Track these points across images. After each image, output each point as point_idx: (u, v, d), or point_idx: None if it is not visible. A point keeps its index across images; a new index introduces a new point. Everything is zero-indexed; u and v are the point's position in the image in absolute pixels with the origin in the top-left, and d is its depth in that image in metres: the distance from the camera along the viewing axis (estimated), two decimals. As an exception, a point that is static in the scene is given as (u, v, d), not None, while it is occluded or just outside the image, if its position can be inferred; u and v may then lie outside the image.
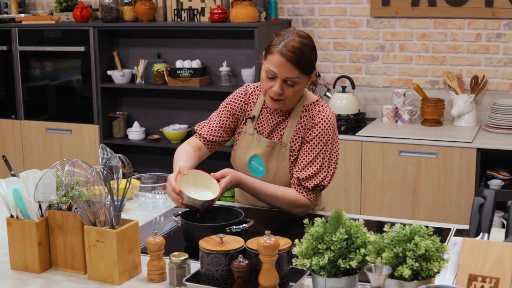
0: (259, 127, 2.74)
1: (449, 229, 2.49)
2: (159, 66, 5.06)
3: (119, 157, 2.12)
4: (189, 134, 5.10)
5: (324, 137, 2.62)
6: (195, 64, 4.99)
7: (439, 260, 1.69)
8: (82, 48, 5.12)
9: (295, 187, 2.65)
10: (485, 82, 4.59)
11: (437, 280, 1.79)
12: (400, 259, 1.68)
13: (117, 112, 5.36)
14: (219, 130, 2.79)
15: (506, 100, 4.49)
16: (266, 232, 1.86)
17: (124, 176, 2.22)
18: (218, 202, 2.78)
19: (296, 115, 2.66)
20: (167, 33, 5.22)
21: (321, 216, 2.01)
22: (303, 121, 2.66)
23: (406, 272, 1.64)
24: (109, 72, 5.20)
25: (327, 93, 4.84)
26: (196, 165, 2.76)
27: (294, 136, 2.66)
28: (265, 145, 2.69)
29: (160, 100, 5.34)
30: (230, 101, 2.80)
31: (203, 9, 5.00)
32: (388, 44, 4.88)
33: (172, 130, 5.11)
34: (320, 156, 2.62)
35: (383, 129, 4.56)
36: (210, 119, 2.83)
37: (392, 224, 1.79)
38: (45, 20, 5.32)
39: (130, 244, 2.08)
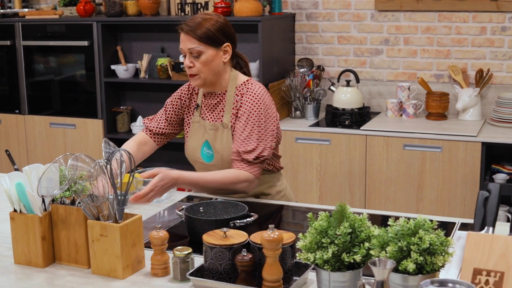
0: (203, 114, 2.85)
1: (454, 223, 2.48)
2: (162, 61, 5.05)
3: (122, 152, 2.12)
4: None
5: (255, 111, 2.70)
6: (199, 58, 4.97)
7: (443, 254, 1.68)
8: (85, 43, 5.11)
9: (236, 163, 2.68)
10: (490, 75, 4.57)
11: (442, 274, 1.78)
12: (405, 253, 1.67)
13: (121, 107, 5.36)
14: (164, 123, 2.94)
15: (511, 94, 4.47)
16: (270, 226, 1.85)
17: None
18: (222, 197, 2.78)
19: (230, 96, 2.77)
20: (170, 27, 5.17)
21: (324, 210, 2.00)
22: (237, 101, 2.76)
23: (411, 266, 1.63)
24: (112, 67, 5.20)
25: (331, 87, 4.83)
26: (140, 161, 2.95)
27: (231, 116, 2.76)
28: (209, 128, 2.79)
29: (164, 94, 5.32)
30: (175, 97, 2.94)
31: (206, 3, 4.99)
32: (393, 37, 4.87)
33: (176, 124, 5.10)
34: (255, 130, 2.69)
35: (388, 123, 4.55)
36: (157, 114, 2.99)
37: (397, 218, 1.78)
38: (49, 15, 5.31)
39: (134, 238, 2.08)
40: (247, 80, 2.80)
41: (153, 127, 2.94)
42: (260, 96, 2.73)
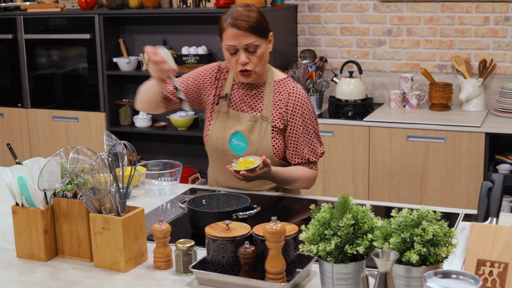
0: (233, 105, 2.79)
1: (458, 214, 2.47)
2: (165, 53, 5.04)
3: (124, 144, 2.11)
4: (195, 121, 5.08)
5: (308, 115, 2.74)
6: (201, 50, 4.96)
7: (447, 245, 1.67)
8: (87, 36, 5.10)
9: (305, 166, 2.76)
10: (493, 66, 4.55)
11: (445, 266, 1.78)
12: (408, 244, 1.66)
13: (124, 100, 5.35)
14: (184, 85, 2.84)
15: (514, 84, 4.46)
16: (272, 218, 1.85)
17: (130, 163, 2.21)
18: (225, 189, 2.78)
19: (269, 90, 2.75)
20: (172, 19, 5.19)
21: (327, 201, 2.00)
22: (278, 98, 2.74)
23: (414, 258, 1.63)
24: (115, 60, 5.19)
25: (334, 79, 4.81)
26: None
27: (274, 111, 2.73)
28: (247, 119, 2.74)
29: (166, 87, 5.32)
30: (202, 72, 2.86)
31: (208, -5, 4.98)
32: (395, 28, 4.85)
33: (179, 117, 5.09)
34: (312, 133, 2.75)
35: (391, 114, 4.53)
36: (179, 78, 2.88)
37: (400, 209, 1.77)
38: (50, 8, 5.30)
39: (136, 231, 2.07)
40: (287, 78, 2.79)
41: (166, 91, 2.85)
42: (306, 97, 2.75)
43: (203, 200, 2.41)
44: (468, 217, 2.42)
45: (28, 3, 5.45)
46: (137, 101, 2.95)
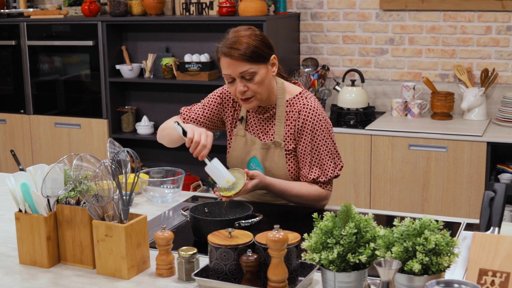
0: (249, 128, 2.74)
1: (459, 223, 2.47)
2: (167, 60, 5.06)
3: (127, 152, 2.11)
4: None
5: (318, 130, 2.61)
6: (204, 58, 4.97)
7: (449, 254, 1.68)
8: (90, 43, 5.12)
9: (314, 184, 2.66)
10: (495, 75, 4.56)
11: (447, 275, 1.78)
12: (410, 254, 1.67)
13: (126, 107, 5.36)
14: (202, 118, 2.78)
15: (516, 93, 4.46)
16: (275, 226, 1.85)
17: (133, 170, 2.22)
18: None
19: (281, 113, 2.65)
20: (175, 27, 5.21)
21: (330, 210, 2.00)
22: (290, 117, 2.64)
23: (416, 267, 1.63)
24: (117, 67, 5.20)
25: (336, 87, 4.82)
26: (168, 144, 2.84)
27: (286, 134, 2.65)
28: (260, 146, 2.68)
29: (168, 94, 5.34)
30: (215, 94, 2.79)
31: (211, 2, 4.99)
32: (398, 37, 4.86)
33: (181, 124, 5.09)
34: (323, 150, 2.62)
35: (393, 123, 4.54)
36: (194, 105, 2.82)
37: (402, 218, 1.78)
38: (54, 15, 5.32)
39: (139, 238, 2.08)
40: (300, 93, 2.67)
41: (191, 117, 2.78)
42: (319, 111, 2.62)
43: (206, 208, 2.42)
44: (469, 227, 2.42)
45: (31, 9, 5.47)
46: (160, 138, 2.87)
